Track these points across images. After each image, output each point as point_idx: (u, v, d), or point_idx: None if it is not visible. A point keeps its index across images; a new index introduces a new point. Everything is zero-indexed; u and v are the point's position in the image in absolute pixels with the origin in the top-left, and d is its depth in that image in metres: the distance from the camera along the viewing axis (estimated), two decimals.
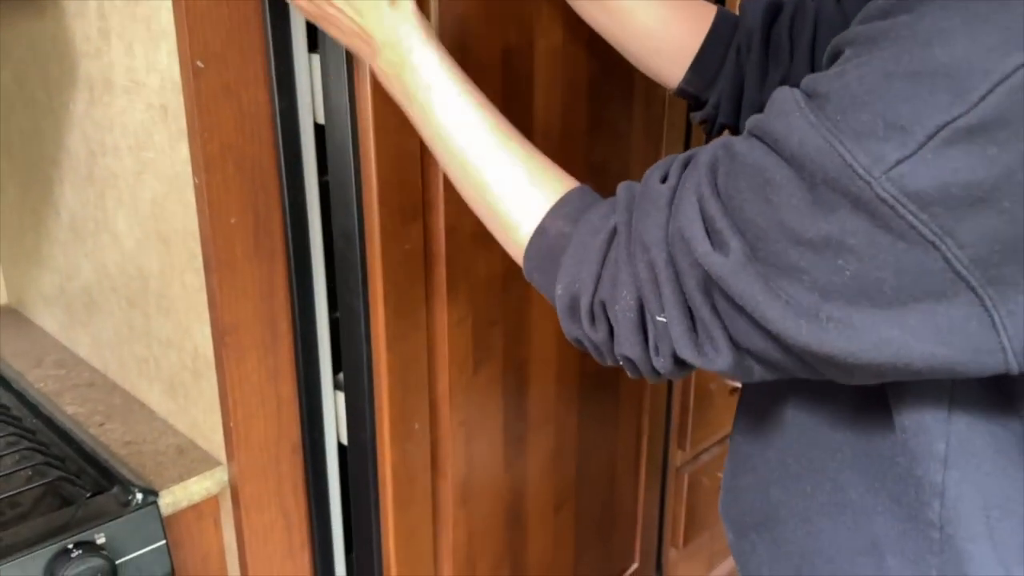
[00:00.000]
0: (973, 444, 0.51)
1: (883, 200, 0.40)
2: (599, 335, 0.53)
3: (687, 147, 1.19)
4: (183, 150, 0.76)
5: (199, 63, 0.72)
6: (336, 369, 0.90)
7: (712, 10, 0.82)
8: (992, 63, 0.37)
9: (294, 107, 0.79)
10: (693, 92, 0.83)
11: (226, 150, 0.75)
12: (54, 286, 1.09)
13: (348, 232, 0.79)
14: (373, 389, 0.84)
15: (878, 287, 0.42)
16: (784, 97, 0.45)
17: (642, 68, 0.85)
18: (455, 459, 0.93)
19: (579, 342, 0.56)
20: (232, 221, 0.78)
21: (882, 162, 0.39)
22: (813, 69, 0.79)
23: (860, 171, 0.40)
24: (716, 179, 0.48)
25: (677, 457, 1.39)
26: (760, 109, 0.81)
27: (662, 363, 0.51)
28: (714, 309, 0.48)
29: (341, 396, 0.90)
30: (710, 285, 0.47)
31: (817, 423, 0.58)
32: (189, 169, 0.76)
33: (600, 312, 0.52)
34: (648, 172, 0.54)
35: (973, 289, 0.40)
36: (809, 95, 0.44)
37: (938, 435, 0.51)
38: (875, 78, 0.41)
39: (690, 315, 0.49)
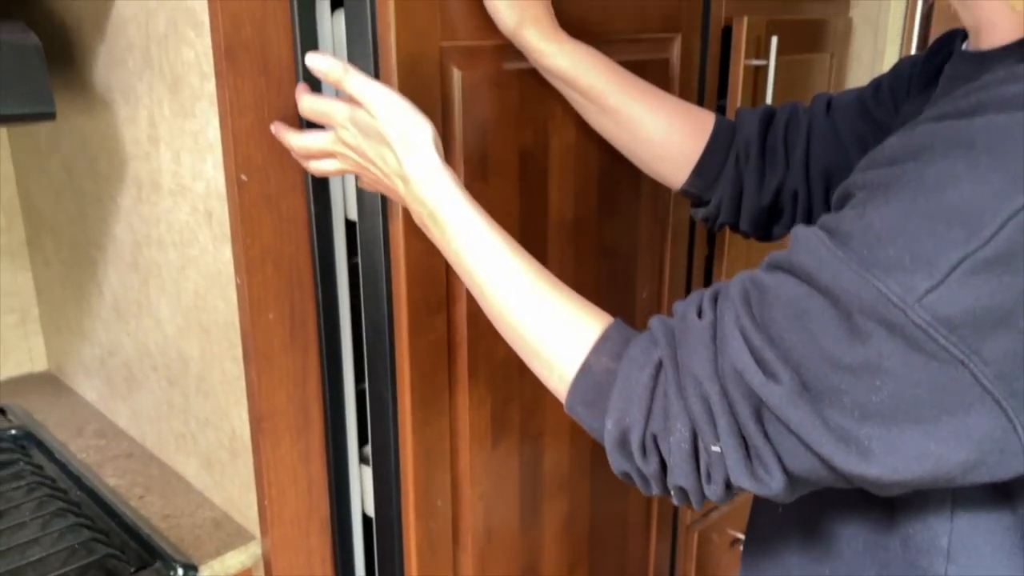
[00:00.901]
0: (974, 540, 0.56)
1: (917, 325, 0.44)
2: (651, 467, 0.55)
3: (692, 231, 1.25)
4: (226, 251, 0.82)
5: (243, 176, 0.78)
6: (361, 443, 0.95)
7: (711, 118, 0.88)
8: (999, 204, 0.43)
9: (328, 209, 0.85)
10: (696, 193, 0.89)
11: (265, 253, 0.82)
12: (94, 358, 1.16)
13: (378, 325, 0.85)
14: (400, 470, 0.89)
15: (914, 404, 0.46)
16: (807, 235, 0.50)
17: (648, 172, 0.91)
18: (475, 530, 0.98)
19: (627, 475, 0.58)
20: (270, 316, 0.84)
21: (914, 291, 0.44)
22: (808, 176, 0.85)
23: (895, 300, 0.45)
24: (752, 311, 0.52)
25: (687, 515, 1.43)
26: (759, 211, 0.88)
27: (714, 490, 0.53)
28: (766, 436, 0.51)
29: (366, 470, 0.95)
30: (763, 413, 0.50)
31: (832, 518, 0.63)
32: (231, 268, 0.82)
33: (652, 445, 0.55)
34: (681, 307, 0.57)
35: (998, 401, 0.45)
36: (831, 233, 0.49)
37: (941, 532, 0.56)
38: (896, 218, 0.46)
39: (744, 444, 0.52)
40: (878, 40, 1.56)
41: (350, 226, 0.87)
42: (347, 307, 0.89)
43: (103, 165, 0.98)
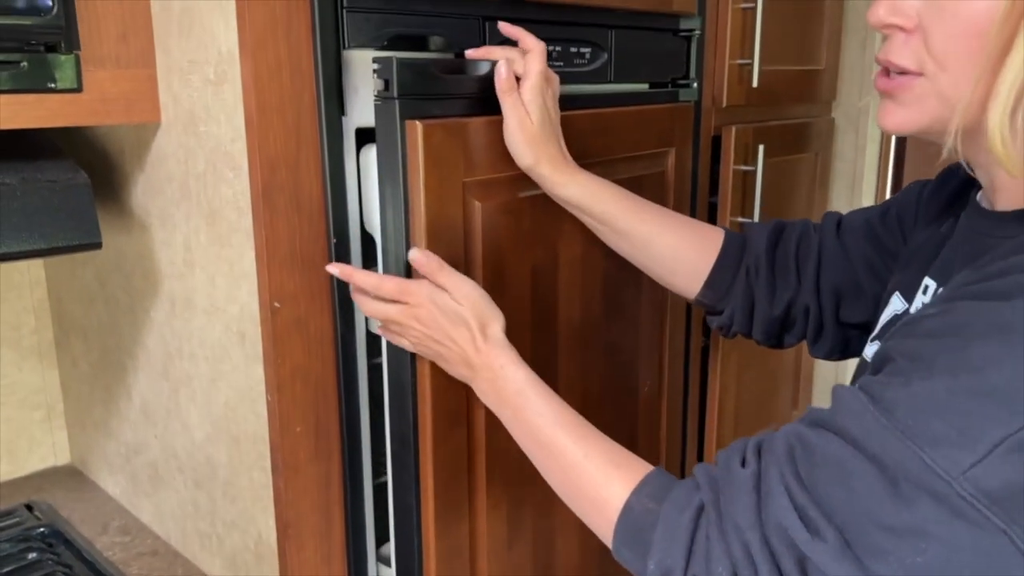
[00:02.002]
0: None
1: (962, 496, 0.48)
2: None
3: (688, 324, 1.32)
4: (258, 370, 0.88)
5: (276, 304, 0.85)
6: (379, 542, 1.00)
7: (720, 234, 0.96)
8: None
9: (352, 330, 0.92)
10: (709, 304, 0.97)
11: (295, 371, 0.88)
12: (119, 455, 1.21)
13: (404, 436, 0.90)
14: (423, 573, 0.94)
15: (957, 566, 0.49)
16: (851, 399, 0.55)
17: (664, 284, 0.99)
18: None
19: None
20: (297, 430, 0.89)
21: (959, 465, 0.48)
22: (819, 292, 0.91)
23: (941, 472, 0.48)
24: (797, 468, 0.55)
25: None
26: (771, 322, 0.94)
27: None
28: None
29: (385, 570, 1.00)
30: (807, 567, 0.53)
31: None
32: (262, 386, 0.88)
33: None
34: (724, 456, 0.61)
35: None
36: (875, 400, 0.53)
37: None
38: (941, 393, 0.50)
39: None
40: (859, 138, 1.66)
41: (372, 337, 0.94)
42: (367, 417, 0.95)
43: (138, 280, 1.05)
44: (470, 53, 0.90)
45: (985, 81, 0.55)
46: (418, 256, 0.81)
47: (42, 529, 1.15)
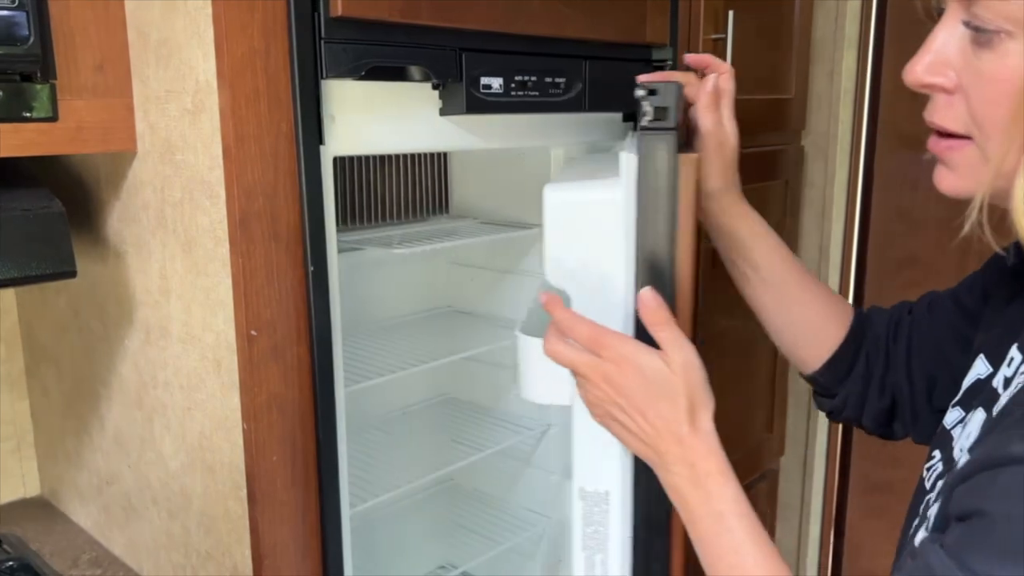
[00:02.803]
0: None
1: None
2: None
3: None
4: (234, 398, 0.88)
5: (253, 332, 0.85)
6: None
7: (850, 311, 0.93)
8: None
9: (330, 358, 0.91)
10: (822, 385, 0.93)
11: (271, 400, 0.87)
12: (91, 486, 1.19)
13: None
14: None
15: None
16: (938, 562, 0.52)
17: (784, 351, 0.96)
18: None
19: None
20: (274, 459, 0.89)
21: None
22: (911, 379, 0.87)
23: None
24: None
25: None
26: (880, 412, 0.89)
27: None
28: None
29: None
30: None
31: None
32: (238, 414, 0.88)
33: None
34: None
35: None
36: (959, 563, 0.51)
37: None
38: (1000, 555, 0.49)
39: None
40: (828, 165, 1.69)
41: None
42: (344, 445, 0.95)
43: (112, 308, 1.04)
44: (643, 78, 0.85)
45: (1018, 146, 0.52)
46: (649, 298, 0.69)
47: (11, 563, 1.13)
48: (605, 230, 0.77)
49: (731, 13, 1.36)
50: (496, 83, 1.01)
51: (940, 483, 0.66)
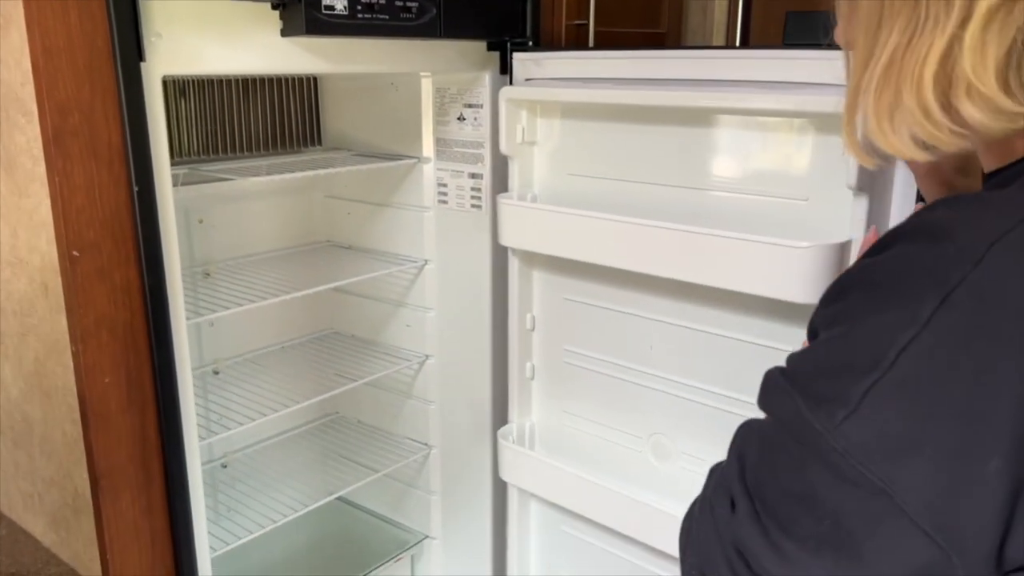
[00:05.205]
0: None
1: (837, 451, 0.46)
2: None
3: None
4: (62, 321, 0.87)
5: (75, 252, 0.84)
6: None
7: None
8: (895, 335, 0.45)
9: (161, 281, 0.91)
10: None
11: (100, 321, 0.87)
12: None
13: None
14: None
15: (849, 541, 0.47)
16: (769, 374, 0.54)
17: None
18: None
19: None
20: (106, 380, 0.89)
21: (833, 419, 0.46)
22: None
23: (819, 428, 0.47)
24: (743, 456, 0.55)
25: None
26: None
27: None
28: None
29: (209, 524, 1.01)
30: (740, 546, 0.52)
31: None
32: (67, 337, 0.87)
33: None
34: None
35: (926, 533, 0.45)
36: (784, 370, 0.52)
37: None
38: (824, 354, 0.50)
39: None
40: None
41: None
42: (187, 365, 0.95)
43: None
44: None
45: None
46: None
47: None
48: None
49: None
50: (340, 4, 1.00)
51: None
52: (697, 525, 0.57)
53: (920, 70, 0.49)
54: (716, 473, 0.58)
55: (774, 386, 0.53)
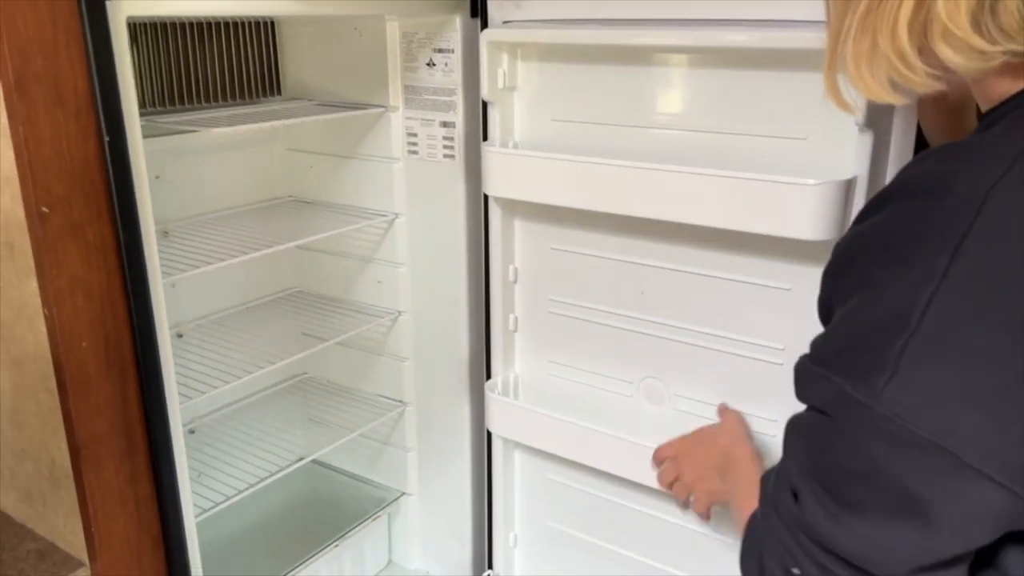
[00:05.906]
0: None
1: (886, 417, 0.46)
2: None
3: None
4: (31, 283, 0.82)
5: (44, 209, 0.78)
6: None
7: None
8: (918, 293, 0.46)
9: (137, 237, 0.86)
10: None
11: (75, 283, 0.82)
12: None
13: None
14: None
15: (920, 502, 0.47)
16: (799, 366, 0.54)
17: None
18: None
19: None
20: (83, 345, 0.84)
21: (874, 388, 0.46)
22: None
23: (863, 400, 0.47)
24: (794, 454, 0.55)
25: None
26: None
27: None
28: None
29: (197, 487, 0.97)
30: (811, 532, 0.52)
31: None
32: (38, 300, 0.82)
33: None
34: None
35: (991, 478, 0.45)
36: (810, 356, 0.52)
37: None
38: (848, 326, 0.50)
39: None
40: None
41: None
42: (166, 328, 0.90)
43: None
44: None
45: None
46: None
47: None
48: None
49: None
50: None
51: None
52: (762, 531, 0.57)
53: (895, 16, 0.51)
54: (771, 477, 0.59)
55: (808, 375, 0.53)
